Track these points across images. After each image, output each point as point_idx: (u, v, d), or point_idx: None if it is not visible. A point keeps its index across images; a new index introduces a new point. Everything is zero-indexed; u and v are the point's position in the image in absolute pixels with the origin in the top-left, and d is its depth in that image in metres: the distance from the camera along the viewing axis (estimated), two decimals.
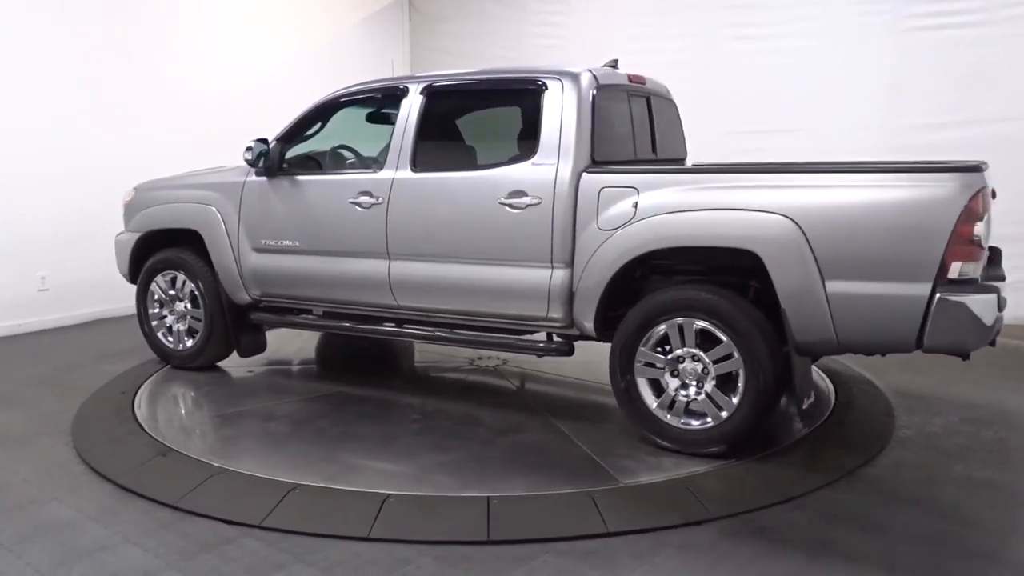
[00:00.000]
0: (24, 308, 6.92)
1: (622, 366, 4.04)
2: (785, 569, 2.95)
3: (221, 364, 5.68)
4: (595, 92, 4.24)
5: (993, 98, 6.56)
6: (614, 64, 4.74)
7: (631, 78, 4.68)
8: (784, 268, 3.62)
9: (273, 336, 5.96)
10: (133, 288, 5.79)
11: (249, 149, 5.01)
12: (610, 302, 4.12)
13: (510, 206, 4.25)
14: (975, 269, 3.43)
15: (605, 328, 4.17)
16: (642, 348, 3.99)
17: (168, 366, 5.64)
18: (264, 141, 5.05)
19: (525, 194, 4.21)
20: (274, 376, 5.63)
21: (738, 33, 7.71)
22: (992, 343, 3.74)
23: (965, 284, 3.39)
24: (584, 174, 4.12)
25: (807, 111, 7.30)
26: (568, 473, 3.76)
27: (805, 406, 3.90)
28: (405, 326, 5.01)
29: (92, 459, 4.00)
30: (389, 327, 5.09)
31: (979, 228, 3.36)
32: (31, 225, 6.90)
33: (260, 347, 5.71)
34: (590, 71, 4.31)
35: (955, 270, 3.37)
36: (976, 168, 3.42)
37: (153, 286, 5.68)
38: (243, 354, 5.60)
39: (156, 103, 7.68)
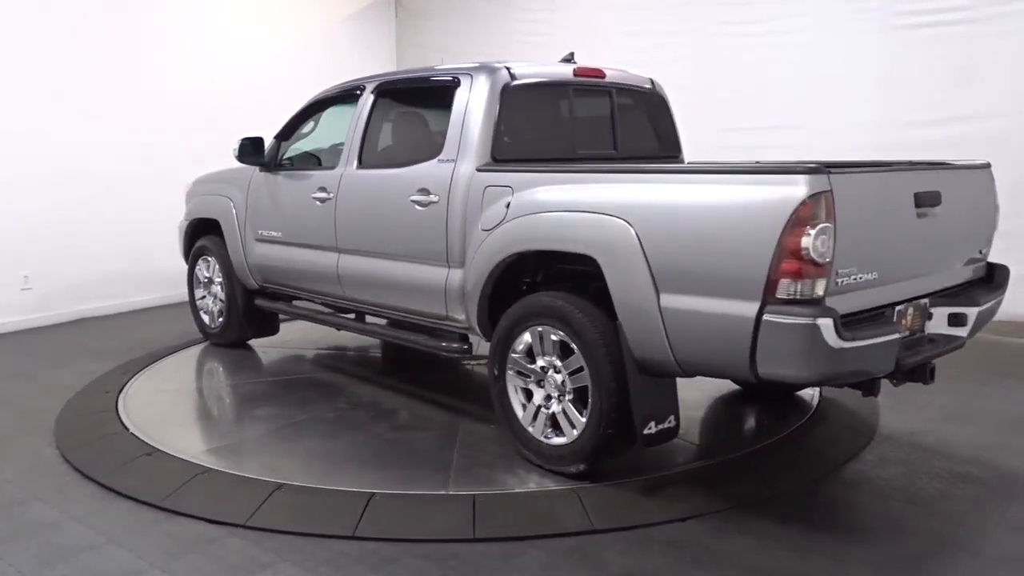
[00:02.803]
0: (7, 307, 6.86)
1: (496, 372, 3.89)
2: (771, 566, 2.96)
3: (252, 343, 6.14)
4: (507, 87, 4.06)
5: (984, 95, 6.59)
6: (570, 58, 4.65)
7: (579, 72, 4.44)
8: (618, 276, 3.33)
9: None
10: (116, 288, 7.15)
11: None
12: (500, 305, 3.92)
13: (418, 204, 4.19)
14: (813, 287, 2.90)
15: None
16: (512, 355, 3.80)
17: (154, 363, 5.71)
18: (258, 140, 5.33)
19: (428, 192, 4.14)
20: (276, 359, 5.89)
21: (728, 30, 7.72)
22: (923, 378, 3.49)
23: (800, 304, 2.90)
24: (476, 173, 3.97)
25: (800, 107, 7.32)
26: (413, 476, 3.70)
27: (650, 431, 3.38)
28: (345, 316, 5.31)
29: (76, 459, 3.98)
30: (347, 317, 5.36)
31: (810, 240, 2.84)
32: (14, 224, 6.84)
33: (272, 330, 6.08)
34: (507, 67, 4.13)
35: (784, 288, 2.90)
36: (814, 170, 2.89)
37: (197, 269, 6.18)
38: (252, 336, 6.05)
39: (152, 105, 7.66)
